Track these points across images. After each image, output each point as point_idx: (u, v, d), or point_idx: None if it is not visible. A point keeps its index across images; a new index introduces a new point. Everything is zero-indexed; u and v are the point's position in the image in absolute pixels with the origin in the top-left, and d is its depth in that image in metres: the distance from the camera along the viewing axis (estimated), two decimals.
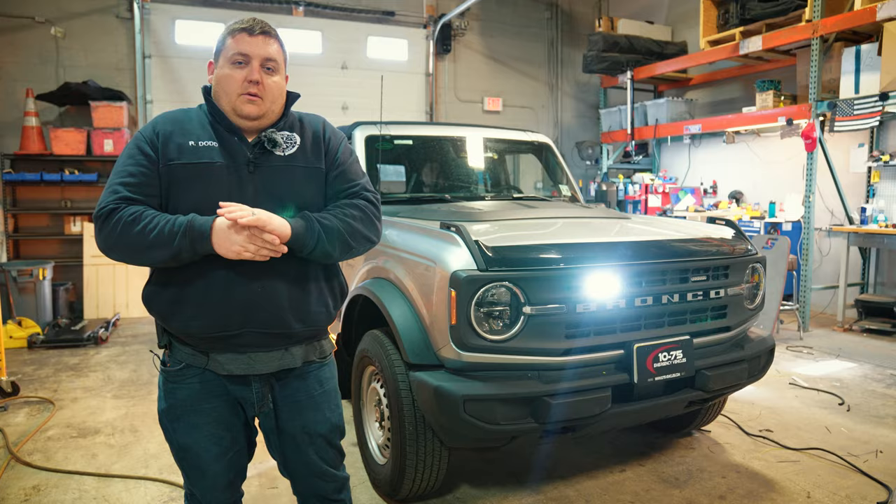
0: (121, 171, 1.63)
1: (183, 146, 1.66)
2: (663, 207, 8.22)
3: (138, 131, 1.71)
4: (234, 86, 1.67)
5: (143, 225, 1.55)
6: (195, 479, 1.78)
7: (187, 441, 1.74)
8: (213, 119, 1.72)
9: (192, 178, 1.65)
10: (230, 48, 1.68)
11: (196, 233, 1.55)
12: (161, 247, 1.54)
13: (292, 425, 1.80)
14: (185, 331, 1.67)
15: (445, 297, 2.36)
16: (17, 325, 5.80)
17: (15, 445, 3.44)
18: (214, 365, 1.69)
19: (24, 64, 7.31)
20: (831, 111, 6.05)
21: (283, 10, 8.41)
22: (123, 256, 1.61)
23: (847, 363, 5.06)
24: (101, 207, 1.58)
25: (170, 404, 1.74)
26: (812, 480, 3.03)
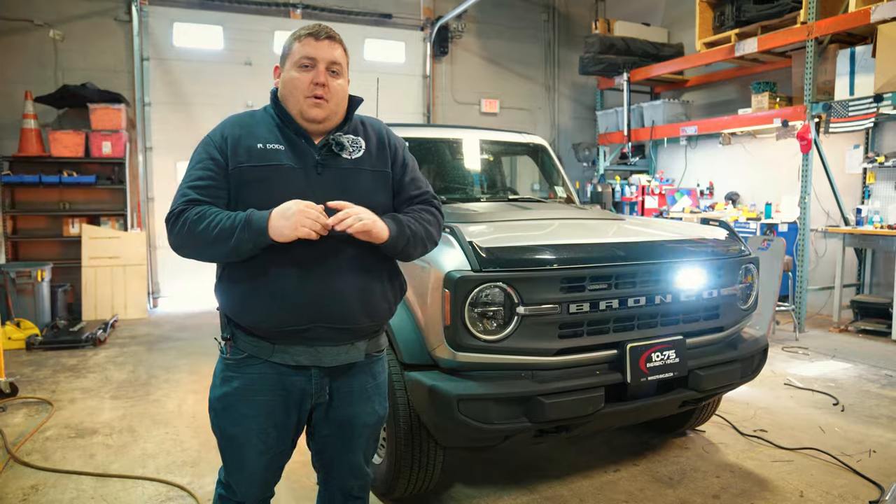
0: (190, 175, 1.72)
1: (251, 149, 1.73)
2: (660, 209, 8.25)
3: (207, 136, 1.78)
4: (301, 88, 1.72)
5: (206, 222, 1.63)
6: (233, 469, 1.82)
7: (235, 431, 1.77)
8: (281, 122, 1.78)
9: (261, 180, 1.71)
10: (297, 52, 1.74)
11: (255, 223, 1.61)
12: (224, 240, 1.61)
13: (343, 416, 1.84)
14: (256, 325, 1.72)
15: (440, 298, 2.38)
16: (16, 327, 5.81)
17: (13, 445, 3.46)
18: (280, 356, 1.73)
19: (22, 66, 7.32)
20: (826, 113, 6.09)
21: (280, 13, 8.44)
22: (192, 253, 1.69)
23: (842, 364, 5.09)
24: (172, 210, 1.68)
25: (224, 392, 1.77)
26: (805, 480, 3.06)
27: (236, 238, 1.60)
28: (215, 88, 8.04)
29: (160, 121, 7.90)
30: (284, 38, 1.82)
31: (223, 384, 1.78)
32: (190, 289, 7.95)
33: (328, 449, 1.90)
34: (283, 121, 1.77)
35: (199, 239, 1.64)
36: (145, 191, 7.90)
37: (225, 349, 1.80)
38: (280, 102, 1.78)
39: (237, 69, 8.22)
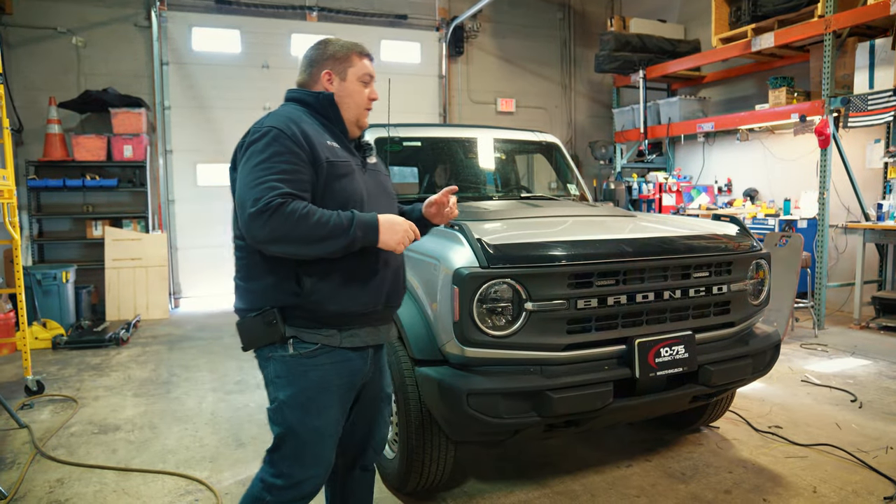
0: (271, 168, 1.70)
1: (325, 145, 1.83)
2: (677, 206, 8.20)
3: (273, 127, 1.78)
4: (363, 101, 1.97)
5: (317, 217, 1.67)
6: (312, 463, 1.83)
7: (318, 423, 1.82)
8: (333, 124, 1.93)
9: (343, 175, 1.83)
10: (361, 69, 1.96)
11: (368, 225, 1.73)
12: (336, 237, 1.68)
13: (376, 388, 2.05)
14: (344, 311, 1.81)
15: (449, 294, 2.42)
16: (42, 327, 5.97)
17: (40, 441, 3.57)
18: (350, 340, 1.85)
19: (46, 73, 7.52)
20: (845, 107, 6.01)
21: (297, 16, 8.54)
22: (290, 248, 1.69)
23: (862, 360, 5.03)
24: (268, 202, 1.64)
25: (302, 387, 1.81)
26: (819, 476, 3.04)
27: (351, 238, 1.70)
28: (233, 92, 8.17)
29: (180, 124, 8.04)
30: (301, 40, 1.95)
31: (297, 380, 1.81)
32: (210, 290, 8.10)
33: (359, 431, 2.03)
34: (335, 123, 1.93)
35: (307, 234, 1.66)
36: (166, 193, 8.05)
37: (288, 347, 1.82)
38: (336, 106, 1.93)
39: (254, 72, 8.34)
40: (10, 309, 5.66)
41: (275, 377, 1.85)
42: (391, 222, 1.77)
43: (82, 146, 7.20)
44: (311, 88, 1.96)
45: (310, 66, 1.98)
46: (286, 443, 1.83)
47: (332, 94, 1.93)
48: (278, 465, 1.84)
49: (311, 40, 7.91)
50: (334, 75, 1.94)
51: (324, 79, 1.94)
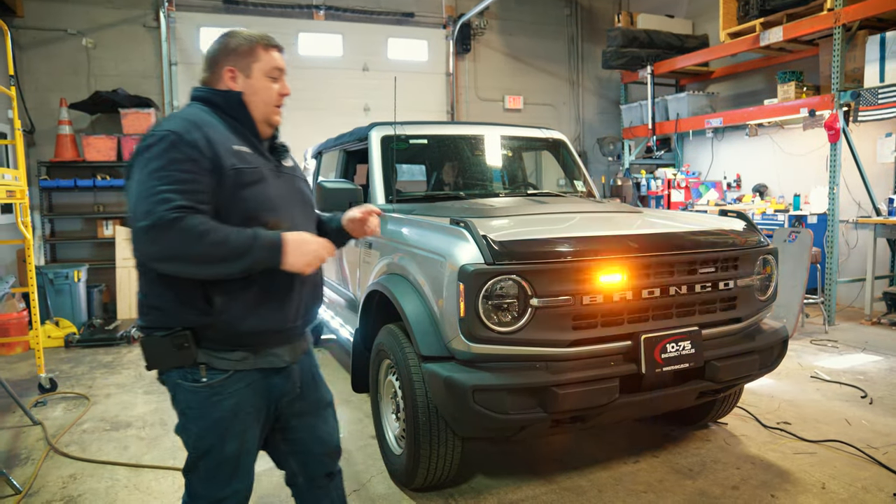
0: (165, 177, 1.53)
1: (231, 150, 1.67)
2: (686, 202, 8.16)
3: (171, 131, 1.59)
4: (272, 98, 1.80)
5: (214, 238, 1.51)
6: (230, 481, 1.73)
7: (234, 447, 1.70)
8: (241, 125, 1.76)
9: (253, 182, 1.67)
10: (267, 62, 1.79)
11: (271, 247, 1.58)
12: (235, 259, 1.54)
13: (316, 399, 1.95)
14: (259, 328, 1.67)
15: (455, 291, 2.43)
16: (55, 326, 6.04)
17: (53, 437, 3.62)
18: (268, 360, 1.74)
19: (57, 74, 7.59)
20: (855, 101, 5.96)
21: (304, 15, 8.56)
22: (183, 267, 1.53)
23: (873, 356, 4.99)
24: (159, 217, 1.47)
25: (214, 420, 1.68)
26: (828, 472, 3.03)
27: (251, 261, 1.56)
28: None
29: None
30: (308, 39, 1.91)
31: (210, 411, 1.67)
32: None
33: (307, 439, 1.90)
34: (243, 124, 1.75)
35: (203, 255, 1.51)
36: None
37: (198, 374, 1.67)
38: (244, 105, 1.76)
39: None
40: (23, 308, 5.73)
41: (186, 408, 1.70)
42: (299, 243, 1.61)
43: (93, 147, 7.27)
44: (216, 87, 1.78)
45: (212, 62, 1.80)
46: (199, 466, 1.72)
47: (240, 94, 1.76)
48: (196, 486, 1.74)
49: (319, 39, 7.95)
50: (238, 72, 1.77)
51: (226, 76, 1.77)
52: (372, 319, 3.30)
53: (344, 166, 4.56)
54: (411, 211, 3.38)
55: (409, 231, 3.04)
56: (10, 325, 5.58)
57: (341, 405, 4.12)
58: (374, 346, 3.10)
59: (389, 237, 3.22)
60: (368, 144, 3.90)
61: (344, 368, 4.96)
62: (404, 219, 3.20)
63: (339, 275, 4.27)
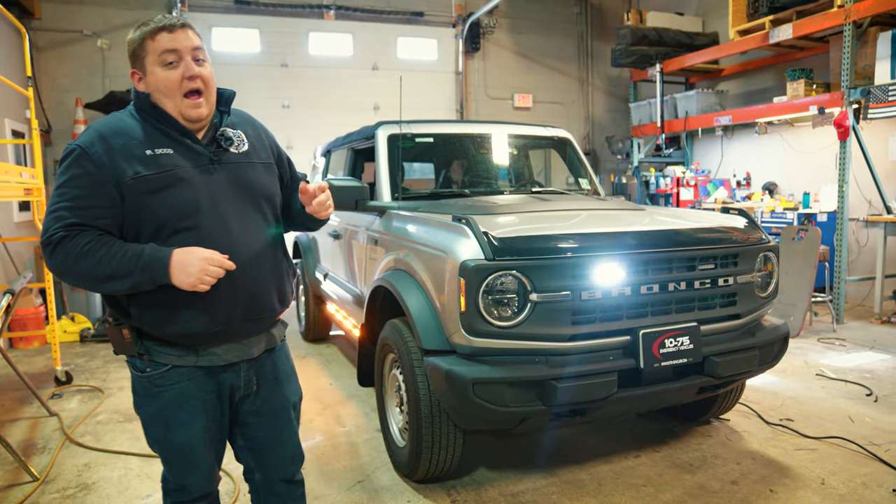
0: (63, 194, 1.56)
1: (141, 157, 1.60)
2: (695, 200, 8.15)
3: (77, 144, 1.59)
4: (175, 87, 1.63)
5: (98, 257, 1.53)
6: (187, 471, 1.78)
7: (180, 439, 1.72)
8: (163, 124, 1.67)
9: (161, 188, 1.60)
10: (155, 50, 1.62)
11: (156, 267, 1.55)
12: (120, 279, 1.54)
13: (276, 400, 1.87)
14: (186, 333, 1.66)
15: (456, 286, 2.48)
16: (71, 321, 6.17)
17: (69, 428, 3.72)
18: (208, 359, 1.71)
19: (73, 75, 7.74)
20: (865, 98, 5.93)
21: (314, 15, 8.64)
22: (79, 284, 1.60)
23: (881, 355, 4.98)
24: (50, 235, 1.54)
25: (158, 407, 1.71)
26: (828, 468, 3.05)
27: (136, 281, 1.55)
28: (253, 91, 8.30)
29: None
30: (319, 38, 1.80)
31: (153, 400, 1.71)
32: None
33: (264, 438, 1.88)
34: (165, 123, 1.67)
35: (90, 273, 1.54)
36: None
37: (142, 364, 1.70)
38: (157, 105, 1.66)
39: (273, 71, 8.47)
40: (40, 303, 5.87)
41: (134, 393, 1.77)
42: (184, 263, 1.55)
43: None
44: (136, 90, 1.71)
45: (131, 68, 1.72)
46: (156, 451, 1.78)
47: (147, 95, 1.66)
48: (164, 469, 1.83)
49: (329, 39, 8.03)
50: (138, 73, 1.67)
51: (135, 80, 1.69)
52: (377, 314, 3.36)
53: (352, 164, 4.63)
54: (416, 208, 3.44)
55: (412, 228, 3.10)
56: (27, 320, 5.72)
57: (348, 399, 4.19)
58: (379, 340, 3.16)
59: (394, 234, 3.28)
60: (375, 143, 3.96)
61: (351, 363, 5.03)
62: (408, 216, 3.26)
63: (346, 271, 4.34)
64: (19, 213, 6.76)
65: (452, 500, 2.82)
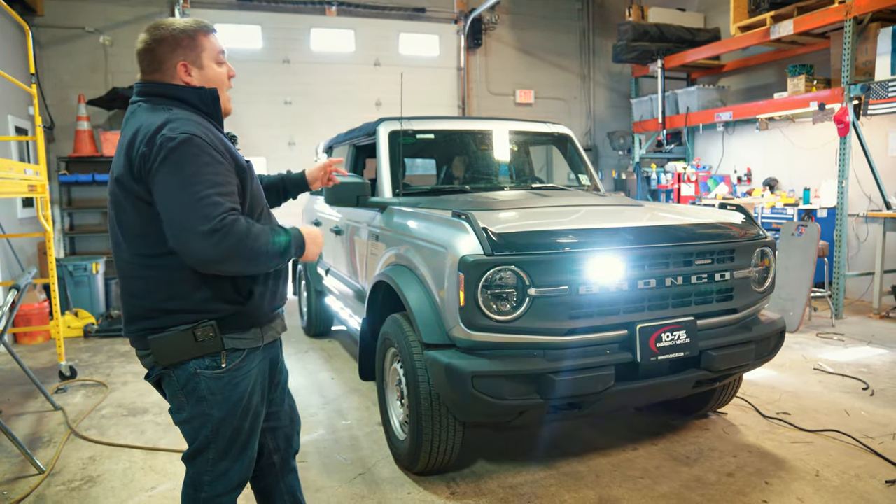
0: (205, 181, 1.56)
1: (233, 149, 1.75)
2: (696, 196, 8.17)
3: (196, 137, 1.59)
4: (226, 84, 1.81)
5: (262, 238, 1.62)
6: (239, 458, 1.79)
7: (250, 424, 1.79)
8: (215, 120, 1.77)
9: (251, 177, 1.79)
10: (213, 48, 1.77)
11: (300, 243, 1.76)
12: (278, 257, 1.68)
13: (285, 375, 2.09)
14: (275, 308, 1.86)
15: (455, 281, 2.52)
16: (74, 316, 6.22)
17: (74, 422, 3.77)
18: (272, 334, 1.87)
19: (76, 72, 7.77)
20: (865, 94, 5.94)
21: (316, 11, 8.66)
22: (238, 267, 1.61)
23: (878, 350, 5.01)
24: (221, 218, 1.53)
25: (234, 401, 1.74)
26: (823, 460, 3.08)
27: (289, 256, 1.72)
28: (255, 87, 8.33)
29: None
30: (320, 34, 1.89)
31: (231, 393, 1.74)
32: None
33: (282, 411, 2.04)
34: (217, 119, 1.77)
35: (255, 254, 1.60)
36: None
37: (218, 361, 1.72)
38: (219, 101, 1.76)
39: (275, 67, 8.49)
40: (44, 299, 5.92)
41: (208, 395, 1.72)
42: (313, 236, 1.81)
43: (110, 142, 7.44)
44: (171, 83, 1.72)
45: (157, 59, 1.71)
46: (211, 447, 1.75)
47: (215, 90, 1.75)
48: (201, 468, 1.78)
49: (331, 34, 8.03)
50: (190, 65, 1.72)
51: (181, 72, 1.71)
52: (378, 309, 3.39)
53: (353, 160, 4.67)
54: (417, 204, 3.47)
55: (413, 223, 3.13)
56: (32, 316, 5.77)
57: (350, 394, 4.23)
58: (380, 334, 3.20)
59: (395, 229, 3.31)
60: (376, 139, 3.99)
61: (353, 358, 5.07)
62: (409, 212, 3.29)
63: (348, 266, 4.38)
64: (23, 209, 6.80)
65: (452, 491, 2.86)
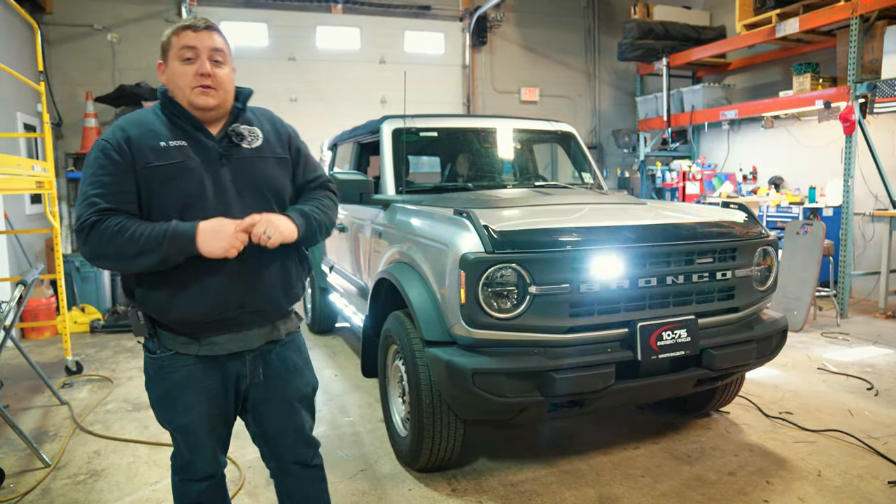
0: (93, 182, 1.68)
1: (155, 148, 1.72)
2: (701, 194, 8.15)
3: (102, 139, 1.73)
4: (187, 80, 1.74)
5: (129, 234, 1.63)
6: (191, 451, 1.88)
7: (184, 421, 1.82)
8: (178, 118, 1.78)
9: (171, 178, 1.71)
10: (177, 45, 1.75)
11: (182, 237, 1.65)
12: (149, 253, 1.64)
13: (282, 390, 1.93)
14: (184, 320, 1.75)
15: (456, 278, 2.53)
16: (81, 312, 6.27)
17: (79, 417, 3.80)
18: (209, 348, 1.79)
19: (84, 69, 7.83)
20: (871, 92, 5.91)
21: (322, 8, 8.68)
22: (112, 264, 1.72)
23: (883, 349, 4.99)
24: (83, 220, 1.65)
25: (165, 388, 1.81)
26: (825, 460, 3.08)
27: (164, 251, 1.64)
28: (261, 84, 8.26)
29: None
30: (326, 32, 1.88)
31: (161, 380, 1.81)
32: None
33: (274, 427, 1.95)
34: (180, 117, 1.77)
35: (123, 251, 1.64)
36: None
37: (153, 346, 1.81)
38: (173, 99, 1.78)
39: (281, 64, 8.52)
40: (51, 294, 5.96)
41: (145, 373, 1.88)
42: (215, 230, 1.66)
43: None
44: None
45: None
46: (166, 428, 1.89)
47: (165, 89, 1.80)
48: (174, 448, 1.93)
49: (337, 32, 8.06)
50: (164, 65, 1.80)
51: (160, 73, 1.83)
52: (380, 306, 3.41)
53: (357, 158, 4.68)
54: (420, 202, 3.48)
55: (415, 221, 3.15)
56: (39, 311, 5.82)
57: (353, 390, 4.25)
58: (382, 331, 3.22)
59: (397, 227, 3.33)
60: (380, 137, 4.00)
61: (356, 354, 5.09)
62: (412, 209, 3.31)
63: (352, 264, 4.39)
64: (31, 205, 6.86)
65: (453, 488, 2.88)
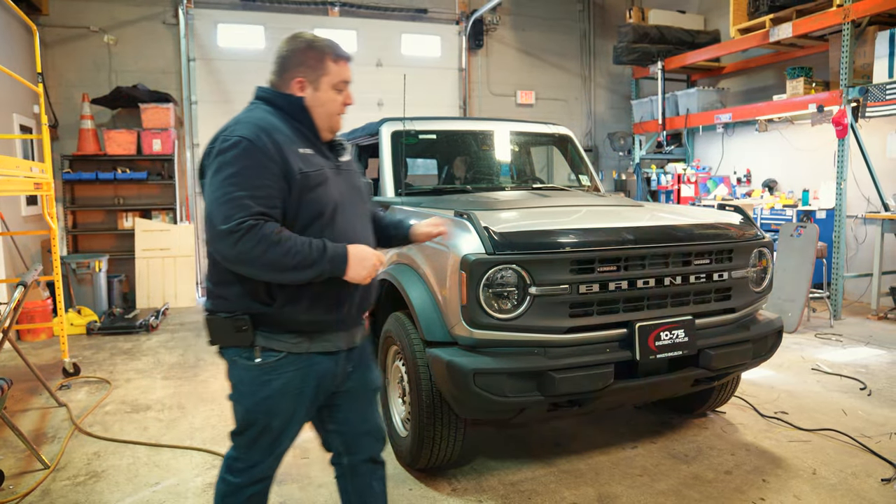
0: (239, 183, 1.64)
1: (299, 154, 1.76)
2: (696, 197, 8.21)
3: (246, 140, 1.69)
4: (335, 108, 1.88)
5: (287, 247, 1.62)
6: (267, 454, 1.86)
7: (279, 425, 1.83)
8: (304, 127, 1.84)
9: (319, 184, 1.76)
10: (336, 76, 1.86)
11: (337, 263, 1.70)
12: (304, 269, 1.65)
13: (362, 385, 2.02)
14: (317, 319, 1.80)
15: (457, 279, 2.55)
16: (77, 314, 6.25)
17: (78, 418, 3.80)
18: (322, 345, 1.83)
19: (80, 71, 7.82)
20: (863, 97, 5.98)
21: (319, 11, 8.70)
22: (255, 271, 1.66)
23: (876, 350, 5.04)
24: (239, 221, 1.60)
25: (265, 395, 1.79)
26: (820, 459, 3.12)
27: (318, 272, 1.67)
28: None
29: (206, 118, 8.29)
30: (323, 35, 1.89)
31: (260, 389, 1.79)
32: None
33: (352, 420, 2.00)
34: (306, 126, 1.84)
35: (276, 262, 1.62)
36: (193, 186, 8.31)
37: (251, 355, 1.79)
38: (308, 112, 1.84)
39: None
40: (47, 296, 5.95)
41: (238, 383, 1.84)
42: (361, 257, 1.73)
43: (113, 140, 7.48)
44: (282, 91, 1.86)
45: (282, 69, 1.86)
46: (245, 434, 1.85)
47: (301, 99, 1.84)
48: (239, 448, 1.88)
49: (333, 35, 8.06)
50: (307, 84, 1.84)
51: (295, 87, 1.84)
52: (381, 307, 3.43)
53: (356, 160, 4.70)
54: (419, 204, 3.51)
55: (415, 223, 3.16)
56: (35, 313, 5.81)
57: None
58: (382, 332, 3.24)
59: None
60: (379, 139, 4.03)
61: None
62: (411, 211, 3.33)
63: None
64: (27, 207, 6.84)
65: (453, 488, 2.90)
